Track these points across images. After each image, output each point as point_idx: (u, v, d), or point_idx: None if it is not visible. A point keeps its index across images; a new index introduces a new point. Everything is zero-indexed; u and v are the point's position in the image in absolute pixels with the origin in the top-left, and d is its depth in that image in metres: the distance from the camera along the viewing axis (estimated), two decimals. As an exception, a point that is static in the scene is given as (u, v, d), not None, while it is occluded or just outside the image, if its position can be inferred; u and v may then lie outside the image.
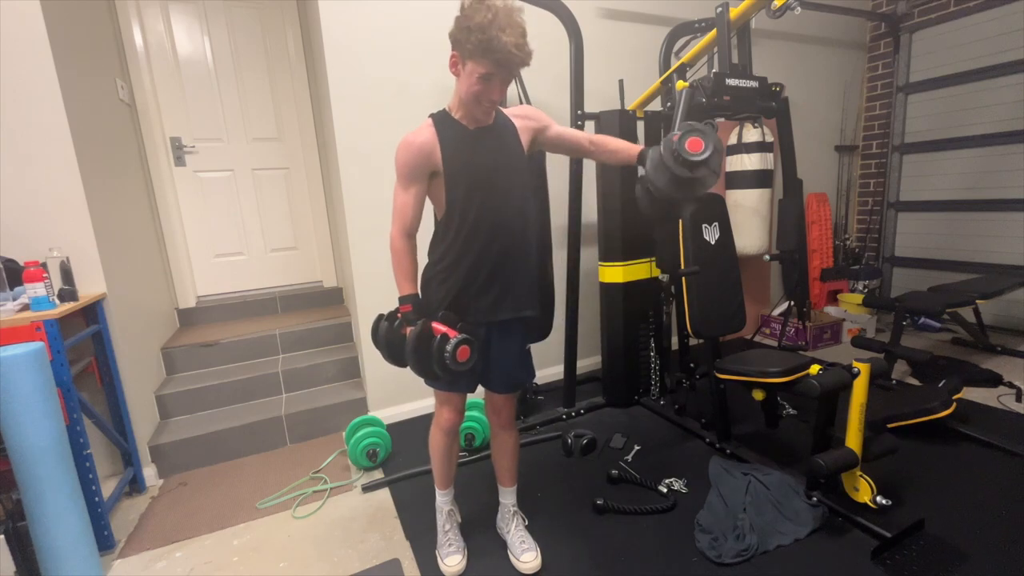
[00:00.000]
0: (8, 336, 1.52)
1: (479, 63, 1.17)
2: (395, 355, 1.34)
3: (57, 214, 1.85)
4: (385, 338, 1.35)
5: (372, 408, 2.56)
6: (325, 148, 3.00)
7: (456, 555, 1.56)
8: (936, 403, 2.11)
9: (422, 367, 1.26)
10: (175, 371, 2.61)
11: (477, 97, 1.22)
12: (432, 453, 1.58)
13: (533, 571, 1.52)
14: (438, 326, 1.28)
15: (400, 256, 1.35)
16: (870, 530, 1.58)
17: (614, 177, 2.43)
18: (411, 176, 1.30)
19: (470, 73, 1.19)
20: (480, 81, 1.19)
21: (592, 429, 2.23)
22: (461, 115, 1.31)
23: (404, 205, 1.33)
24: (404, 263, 1.35)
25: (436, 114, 1.34)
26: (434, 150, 1.28)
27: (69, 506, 1.45)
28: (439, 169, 1.30)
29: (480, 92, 1.21)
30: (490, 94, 1.22)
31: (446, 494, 1.63)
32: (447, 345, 1.22)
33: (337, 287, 3.37)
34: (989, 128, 3.29)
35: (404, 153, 1.29)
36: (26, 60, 1.76)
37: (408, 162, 1.29)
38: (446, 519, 1.62)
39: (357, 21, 2.28)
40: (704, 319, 2.01)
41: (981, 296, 2.65)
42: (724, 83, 1.97)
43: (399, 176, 1.32)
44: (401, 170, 1.31)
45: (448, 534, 1.60)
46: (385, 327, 1.35)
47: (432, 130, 1.29)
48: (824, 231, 3.85)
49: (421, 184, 1.32)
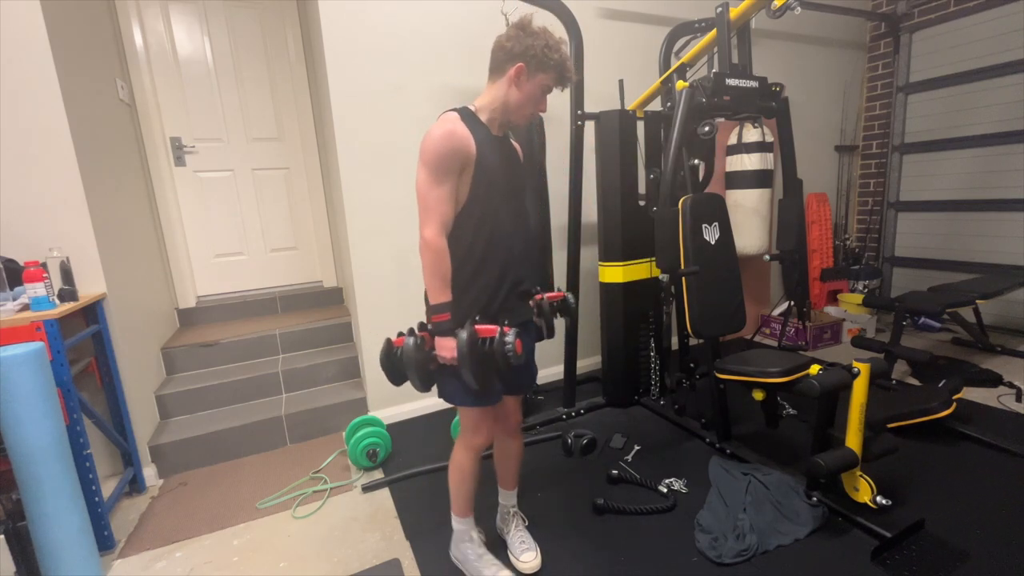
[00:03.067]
0: (8, 336, 1.52)
1: (549, 77, 1.28)
2: (425, 378, 1.24)
3: (57, 214, 1.85)
4: (414, 359, 1.21)
5: (372, 408, 2.56)
6: (325, 148, 3.00)
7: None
8: (936, 403, 2.11)
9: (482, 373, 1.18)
10: (175, 371, 2.61)
11: (536, 104, 1.32)
12: (460, 479, 1.48)
13: (533, 571, 1.52)
14: (483, 328, 1.20)
15: (440, 257, 1.24)
16: (870, 530, 1.58)
17: (614, 177, 2.43)
18: (448, 169, 1.22)
19: (538, 84, 1.28)
20: (543, 92, 1.31)
21: (592, 429, 2.23)
22: (489, 119, 1.32)
23: (439, 200, 1.23)
24: (444, 265, 1.25)
25: (460, 110, 1.30)
26: (470, 144, 1.25)
27: (69, 506, 1.45)
28: (471, 163, 1.26)
29: (536, 100, 1.31)
30: (542, 104, 1.34)
31: (470, 520, 1.54)
32: (507, 339, 1.15)
33: (337, 287, 3.37)
34: (989, 128, 3.29)
35: (444, 143, 1.20)
36: (26, 60, 1.76)
37: (447, 154, 1.21)
38: (477, 545, 1.54)
39: (357, 22, 2.28)
40: (704, 319, 2.01)
41: (981, 296, 2.65)
42: (724, 83, 1.97)
43: (433, 169, 1.21)
44: (439, 162, 1.21)
45: (484, 558, 1.52)
46: (411, 346, 1.21)
47: (463, 124, 1.26)
48: (824, 231, 3.85)
49: (455, 178, 1.25)
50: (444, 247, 1.25)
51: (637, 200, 2.50)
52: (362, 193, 2.39)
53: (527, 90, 1.29)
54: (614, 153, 2.41)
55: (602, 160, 2.48)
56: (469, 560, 1.53)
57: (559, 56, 1.27)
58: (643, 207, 2.50)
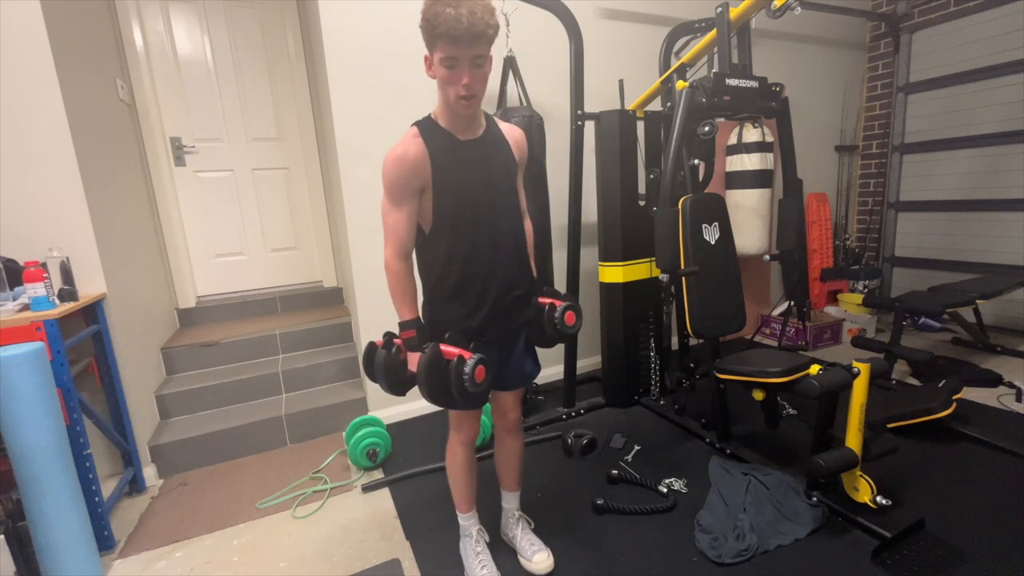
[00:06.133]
0: (8, 336, 1.52)
1: (437, 47, 1.11)
2: (395, 383, 1.26)
3: (57, 214, 1.85)
4: (385, 366, 1.24)
5: (372, 408, 2.56)
6: (325, 148, 3.00)
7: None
8: (936, 403, 2.11)
9: (438, 394, 1.19)
10: (175, 371, 2.61)
11: (451, 84, 1.14)
12: (453, 473, 1.51)
13: (547, 570, 1.51)
14: (448, 348, 1.20)
15: (399, 279, 1.26)
16: (870, 530, 1.57)
17: (614, 177, 2.43)
18: (403, 194, 1.21)
19: (439, 62, 1.12)
20: (444, 66, 1.12)
21: (592, 429, 2.23)
22: (447, 122, 1.23)
23: (396, 224, 1.24)
24: (403, 285, 1.27)
25: (421, 122, 1.25)
26: (424, 164, 1.20)
27: (69, 506, 1.45)
28: (428, 184, 1.22)
29: (447, 78, 1.13)
30: (459, 78, 1.12)
31: (471, 516, 1.55)
32: (464, 368, 1.15)
33: (337, 287, 3.37)
34: (989, 128, 3.29)
35: (394, 169, 1.19)
36: (26, 60, 1.75)
37: (398, 180, 1.20)
38: (475, 542, 1.54)
39: (357, 21, 2.28)
40: (704, 319, 2.01)
41: (981, 296, 2.65)
42: (724, 83, 1.97)
43: (389, 194, 1.22)
44: (391, 188, 1.21)
45: (480, 556, 1.51)
46: (383, 355, 1.24)
47: (419, 141, 1.21)
48: (824, 231, 3.85)
49: (413, 201, 1.23)
50: (402, 268, 1.26)
51: (637, 200, 2.50)
52: (362, 193, 2.39)
53: (439, 74, 1.15)
54: (614, 153, 2.41)
55: (602, 160, 2.48)
56: (467, 557, 1.54)
57: (432, 14, 1.07)
58: (643, 207, 2.50)
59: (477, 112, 1.26)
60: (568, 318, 1.35)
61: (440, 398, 1.20)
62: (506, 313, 1.36)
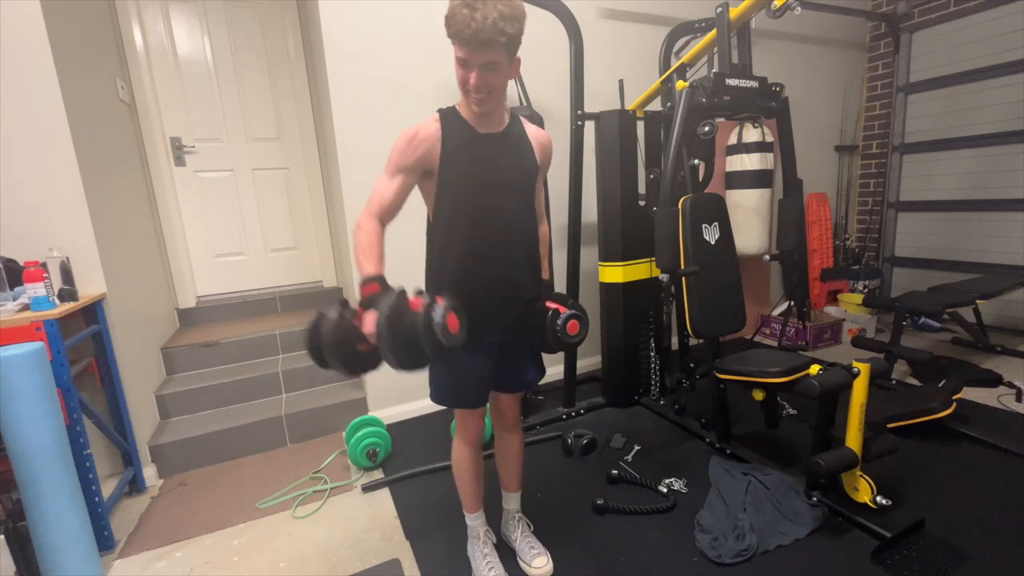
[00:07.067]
0: (8, 336, 1.52)
1: (453, 45, 1.12)
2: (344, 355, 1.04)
3: (57, 214, 1.85)
4: (334, 334, 1.02)
5: (372, 408, 2.56)
6: (325, 148, 3.00)
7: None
8: (936, 403, 2.11)
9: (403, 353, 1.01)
10: (175, 371, 2.61)
11: (461, 83, 1.16)
12: (460, 472, 1.50)
13: (546, 575, 1.50)
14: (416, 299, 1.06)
15: (366, 233, 1.16)
16: (870, 530, 1.57)
17: (614, 177, 2.43)
18: (401, 165, 1.21)
19: (456, 60, 1.14)
20: (458, 64, 1.14)
21: (592, 429, 2.23)
22: (467, 114, 1.24)
23: (383, 189, 1.21)
24: (370, 239, 1.16)
25: (445, 110, 1.26)
26: (434, 146, 1.20)
27: (69, 506, 1.45)
28: (435, 168, 1.22)
29: (459, 76, 1.16)
30: (467, 79, 1.14)
31: (478, 516, 1.55)
32: (434, 313, 1.00)
33: (337, 287, 3.36)
34: (989, 128, 3.29)
35: (403, 141, 1.21)
36: (26, 60, 1.75)
37: (403, 150, 1.20)
38: (483, 543, 1.53)
39: (357, 22, 2.28)
40: (704, 319, 2.00)
41: (981, 296, 2.65)
42: (724, 83, 1.97)
43: (389, 162, 1.22)
44: (393, 156, 1.21)
45: (488, 557, 1.51)
46: (333, 320, 1.03)
47: (436, 124, 1.22)
48: (824, 231, 3.85)
49: (409, 177, 1.22)
50: (371, 226, 1.18)
51: (637, 200, 2.50)
52: (362, 193, 2.37)
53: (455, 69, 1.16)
54: (614, 153, 2.41)
55: (602, 160, 2.48)
56: (475, 558, 1.54)
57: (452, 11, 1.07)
58: (643, 207, 2.50)
59: (494, 109, 1.24)
60: (571, 327, 1.28)
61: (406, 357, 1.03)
62: (510, 316, 1.33)
